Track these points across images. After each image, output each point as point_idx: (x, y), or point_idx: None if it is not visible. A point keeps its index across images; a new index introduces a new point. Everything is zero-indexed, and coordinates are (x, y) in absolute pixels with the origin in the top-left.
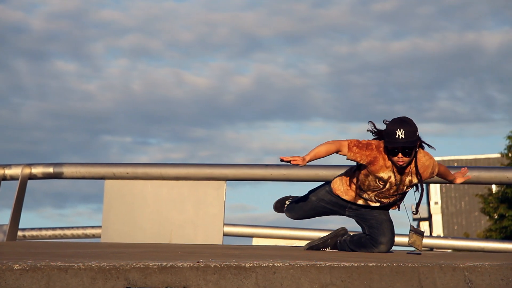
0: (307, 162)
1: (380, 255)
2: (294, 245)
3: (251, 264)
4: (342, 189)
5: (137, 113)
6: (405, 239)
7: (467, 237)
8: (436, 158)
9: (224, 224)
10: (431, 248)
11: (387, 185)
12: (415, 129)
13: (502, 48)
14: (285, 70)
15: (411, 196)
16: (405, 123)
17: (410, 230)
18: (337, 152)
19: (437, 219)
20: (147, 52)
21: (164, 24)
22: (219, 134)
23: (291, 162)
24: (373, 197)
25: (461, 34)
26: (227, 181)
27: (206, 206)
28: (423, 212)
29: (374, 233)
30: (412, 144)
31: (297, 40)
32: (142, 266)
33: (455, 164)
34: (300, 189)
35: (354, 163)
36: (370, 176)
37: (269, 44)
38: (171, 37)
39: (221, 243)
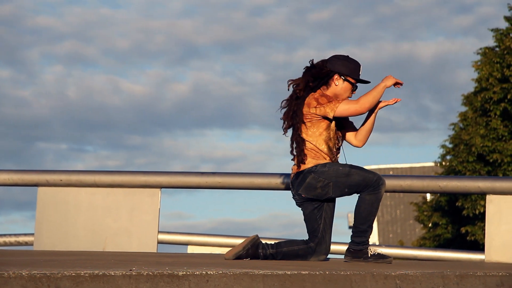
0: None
1: (313, 263)
2: None
3: (184, 272)
4: (328, 157)
5: (73, 120)
6: (337, 247)
7: (401, 245)
8: (373, 167)
9: (159, 232)
10: None
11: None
12: None
13: (437, 58)
14: (222, 78)
15: (347, 204)
16: None
17: None
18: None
19: (373, 227)
20: (83, 59)
21: (100, 31)
22: (156, 142)
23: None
24: (337, 151)
25: (397, 44)
26: (162, 189)
27: (140, 214)
28: None
29: (324, 239)
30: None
31: (234, 48)
32: (73, 274)
33: (391, 172)
34: (236, 197)
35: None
36: (332, 125)
37: (206, 52)
38: (107, 44)
39: (156, 251)
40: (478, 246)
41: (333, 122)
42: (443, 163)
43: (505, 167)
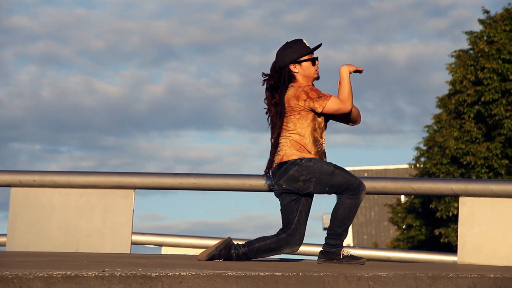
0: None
1: (287, 265)
2: None
3: (157, 274)
4: (313, 151)
5: (47, 121)
6: (311, 249)
7: (375, 246)
8: (347, 169)
9: (133, 233)
10: None
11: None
12: None
13: (411, 61)
14: (197, 80)
15: (322, 205)
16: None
17: (325, 153)
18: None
19: None
20: (57, 59)
21: (75, 32)
22: (131, 143)
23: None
24: (324, 140)
25: (371, 46)
26: (136, 190)
27: (114, 215)
28: None
29: (298, 230)
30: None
31: (209, 49)
32: (45, 275)
33: (365, 174)
34: (211, 198)
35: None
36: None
37: (181, 53)
38: (82, 44)
39: (129, 252)
40: (451, 248)
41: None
42: (417, 165)
43: (478, 169)
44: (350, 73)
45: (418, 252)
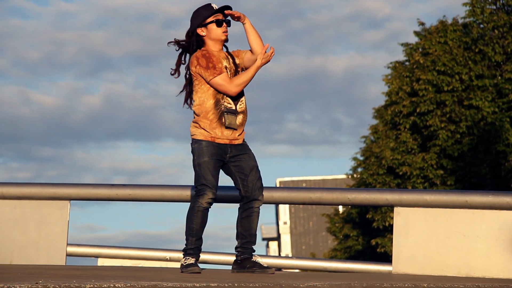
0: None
1: (223, 275)
2: (140, 265)
3: (92, 285)
4: (208, 126)
5: None
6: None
7: (313, 257)
8: (285, 179)
9: (68, 244)
10: (279, 269)
11: (229, 73)
12: None
13: (348, 72)
14: (135, 90)
15: (260, 216)
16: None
17: (224, 112)
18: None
19: (286, 239)
20: None
21: (10, 42)
22: (67, 154)
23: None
24: (231, 102)
25: (308, 58)
26: (72, 201)
27: (49, 226)
28: (272, 232)
29: (248, 188)
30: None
31: (147, 60)
32: None
33: (304, 185)
34: (148, 209)
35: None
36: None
37: (118, 64)
38: (17, 55)
39: (64, 264)
40: (388, 257)
41: None
42: (355, 175)
43: (414, 179)
44: (263, 64)
45: (354, 262)
